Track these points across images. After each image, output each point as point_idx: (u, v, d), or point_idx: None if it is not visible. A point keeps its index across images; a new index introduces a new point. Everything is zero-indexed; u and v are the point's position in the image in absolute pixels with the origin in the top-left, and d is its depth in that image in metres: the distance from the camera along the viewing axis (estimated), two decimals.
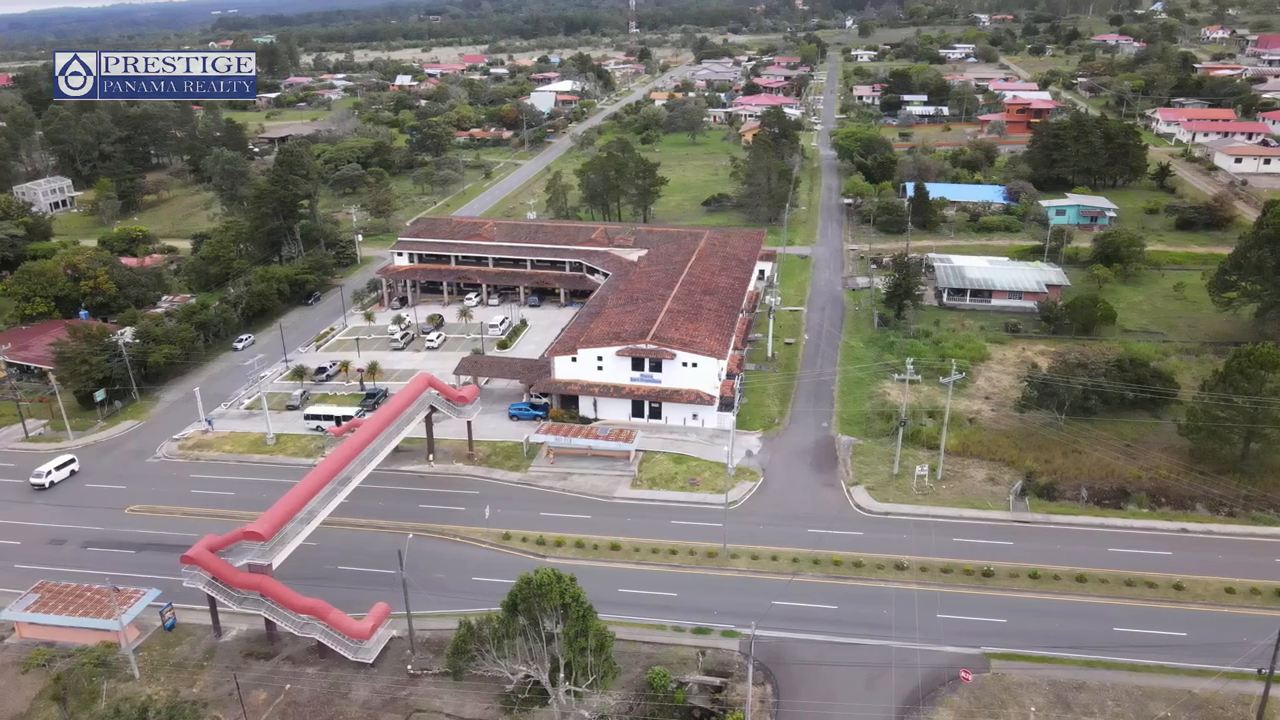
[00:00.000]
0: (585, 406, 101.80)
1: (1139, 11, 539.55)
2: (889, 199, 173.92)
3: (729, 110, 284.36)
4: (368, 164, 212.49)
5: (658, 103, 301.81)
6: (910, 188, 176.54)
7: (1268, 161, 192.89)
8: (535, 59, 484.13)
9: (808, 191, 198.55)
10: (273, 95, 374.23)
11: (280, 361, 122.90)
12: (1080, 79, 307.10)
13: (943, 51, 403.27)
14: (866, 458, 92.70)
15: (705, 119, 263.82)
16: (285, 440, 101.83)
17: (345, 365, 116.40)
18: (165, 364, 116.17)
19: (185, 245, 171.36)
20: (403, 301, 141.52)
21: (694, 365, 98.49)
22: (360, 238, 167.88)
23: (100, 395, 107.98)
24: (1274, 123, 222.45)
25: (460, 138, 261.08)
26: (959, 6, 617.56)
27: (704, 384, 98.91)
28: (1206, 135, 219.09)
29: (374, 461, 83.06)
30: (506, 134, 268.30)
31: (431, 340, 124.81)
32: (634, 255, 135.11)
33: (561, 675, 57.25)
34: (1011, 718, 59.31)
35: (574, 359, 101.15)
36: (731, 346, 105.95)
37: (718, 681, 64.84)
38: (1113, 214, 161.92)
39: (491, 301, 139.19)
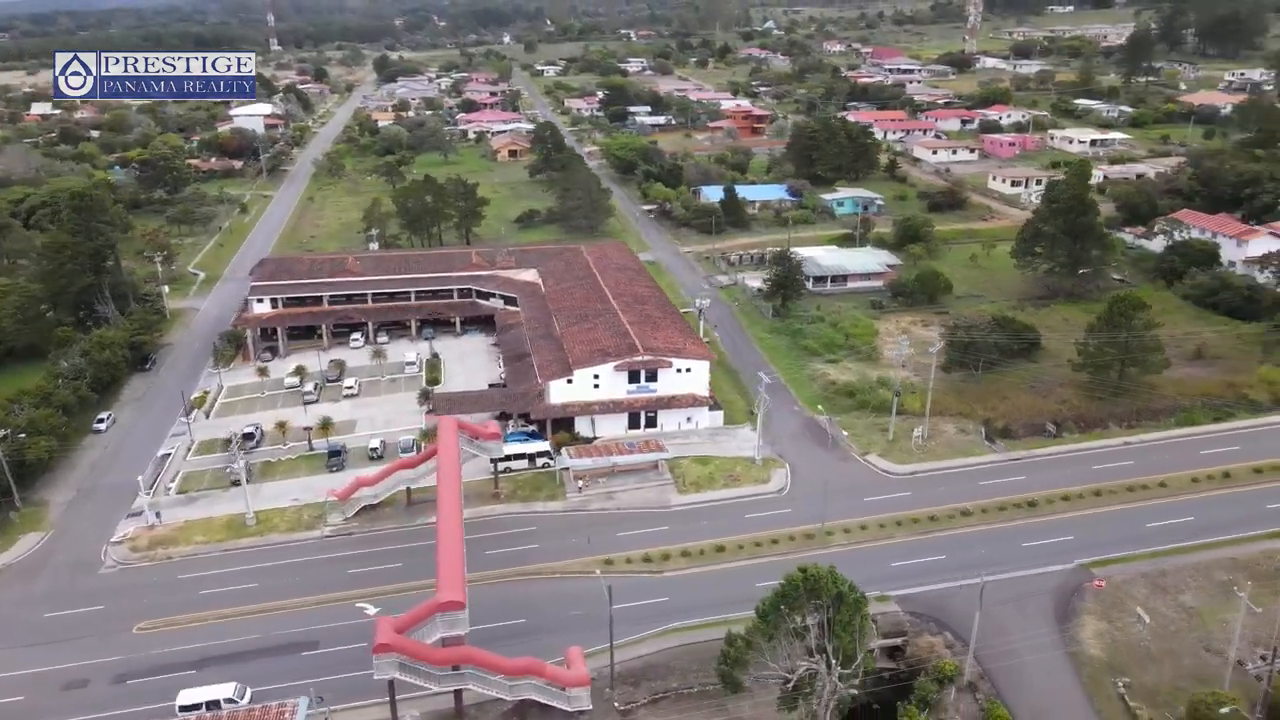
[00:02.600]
0: (583, 426, 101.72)
1: (759, 29, 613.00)
2: (690, 202, 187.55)
3: (468, 127, 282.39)
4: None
5: (382, 124, 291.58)
6: (705, 191, 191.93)
7: (955, 152, 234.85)
8: None
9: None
10: None
11: (172, 437, 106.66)
12: (762, 88, 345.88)
13: (620, 65, 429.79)
14: (852, 430, 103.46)
15: (454, 138, 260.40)
16: (264, 518, 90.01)
17: (282, 425, 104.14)
18: (48, 458, 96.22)
19: None
20: (272, 352, 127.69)
21: (687, 370, 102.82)
22: (166, 289, 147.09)
23: None
24: (938, 120, 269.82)
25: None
26: (605, 24, 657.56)
27: (698, 387, 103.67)
28: (896, 134, 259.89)
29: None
30: (236, 164, 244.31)
31: (350, 387, 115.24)
32: (527, 275, 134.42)
33: (835, 662, 60.73)
34: (1131, 607, 72.97)
35: (569, 380, 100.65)
36: None
37: (898, 641, 71.64)
38: (880, 203, 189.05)
39: (381, 339, 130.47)
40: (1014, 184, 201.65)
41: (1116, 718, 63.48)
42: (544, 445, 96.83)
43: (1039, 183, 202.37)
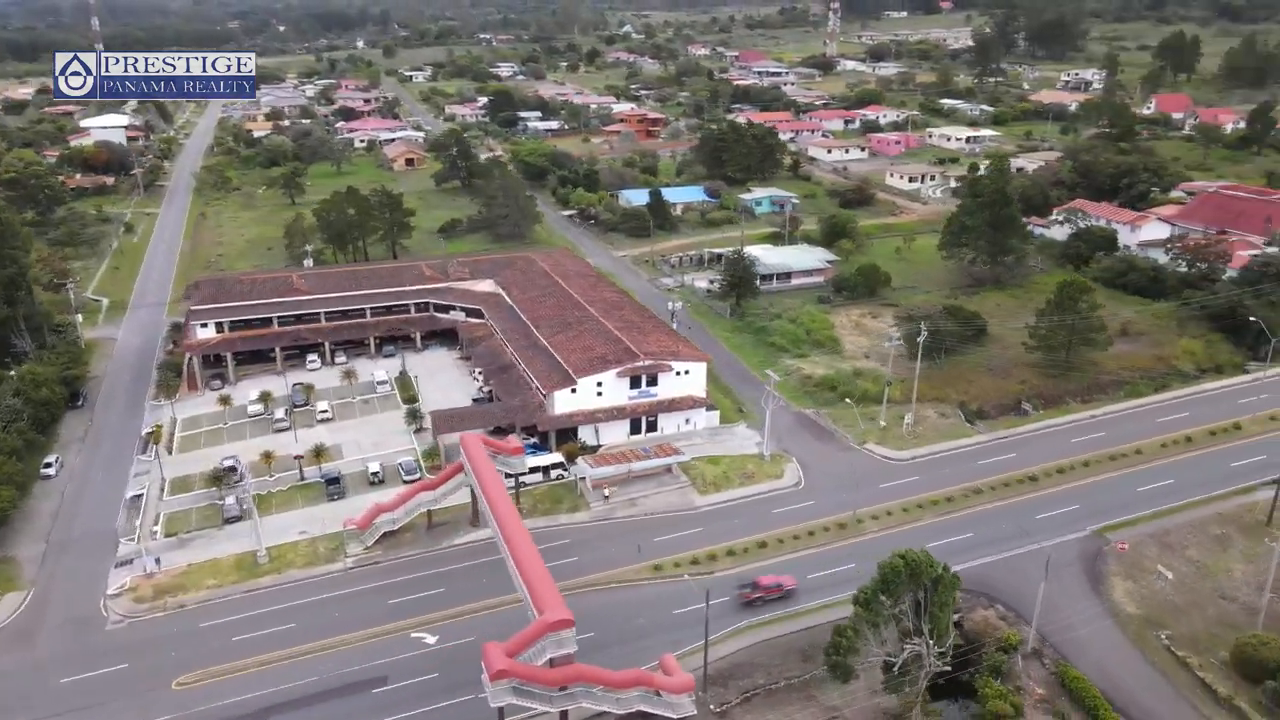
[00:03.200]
0: (586, 435, 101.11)
1: (618, 33, 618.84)
2: (613, 206, 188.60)
3: (354, 136, 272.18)
4: None
5: (257, 133, 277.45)
6: (626, 194, 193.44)
7: (847, 151, 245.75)
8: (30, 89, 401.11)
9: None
10: None
11: (136, 477, 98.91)
12: (644, 92, 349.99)
13: (491, 70, 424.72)
14: (841, 421, 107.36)
15: (346, 148, 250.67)
16: (275, 554, 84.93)
17: (268, 456, 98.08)
18: (9, 509, 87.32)
19: None
20: (221, 379, 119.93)
21: (686, 372, 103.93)
22: (80, 318, 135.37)
23: None
24: (822, 120, 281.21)
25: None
26: (461, 28, 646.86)
27: (696, 389, 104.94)
28: (786, 135, 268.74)
29: None
30: (108, 180, 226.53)
31: (324, 411, 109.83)
32: (485, 286, 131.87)
33: (932, 641, 63.55)
34: (1148, 565, 79.55)
35: (574, 390, 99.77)
36: None
37: (956, 617, 75.31)
38: (796, 201, 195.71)
39: (339, 359, 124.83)
40: (911, 180, 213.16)
41: (1170, 667, 69.22)
42: (557, 457, 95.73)
43: (933, 178, 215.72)
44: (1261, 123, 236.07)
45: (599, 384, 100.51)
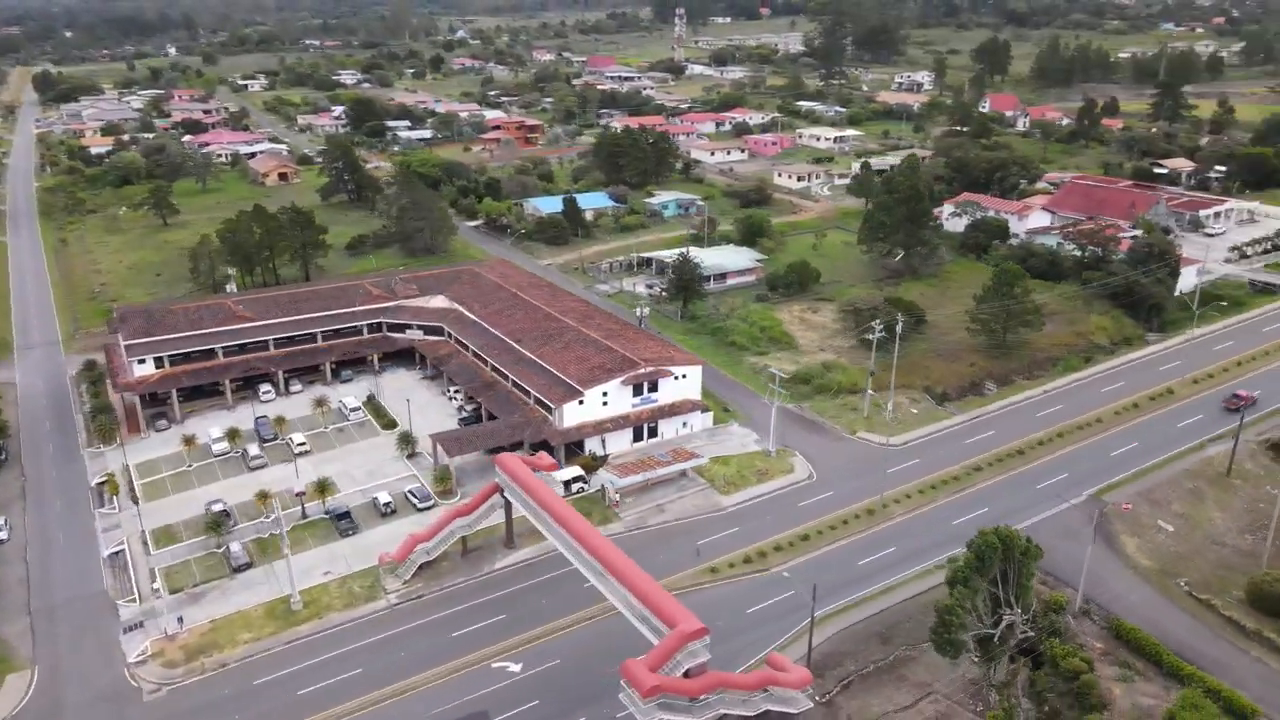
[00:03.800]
0: (592, 445, 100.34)
1: (453, 38, 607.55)
2: (522, 214, 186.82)
3: (211, 150, 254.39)
4: None
5: (95, 149, 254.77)
6: (535, 203, 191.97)
7: (729, 153, 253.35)
8: None
9: None
10: None
11: (105, 532, 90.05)
12: (504, 98, 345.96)
13: (334, 77, 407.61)
14: (826, 413, 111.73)
15: (211, 163, 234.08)
16: (308, 597, 79.68)
17: (263, 497, 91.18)
18: None
19: None
20: (165, 418, 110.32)
21: (683, 377, 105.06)
22: None
23: None
24: (694, 123, 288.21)
25: None
26: (282, 34, 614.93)
27: (692, 392, 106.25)
28: None
29: None
30: None
31: (301, 443, 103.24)
32: (438, 302, 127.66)
33: (1019, 610, 68.06)
34: (1146, 521, 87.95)
35: (581, 402, 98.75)
36: None
37: None
38: (700, 203, 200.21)
39: (294, 388, 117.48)
40: (799, 179, 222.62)
41: (1196, 610, 77.04)
42: (576, 470, 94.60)
43: (818, 177, 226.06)
44: (1089, 119, 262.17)
45: (604, 394, 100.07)
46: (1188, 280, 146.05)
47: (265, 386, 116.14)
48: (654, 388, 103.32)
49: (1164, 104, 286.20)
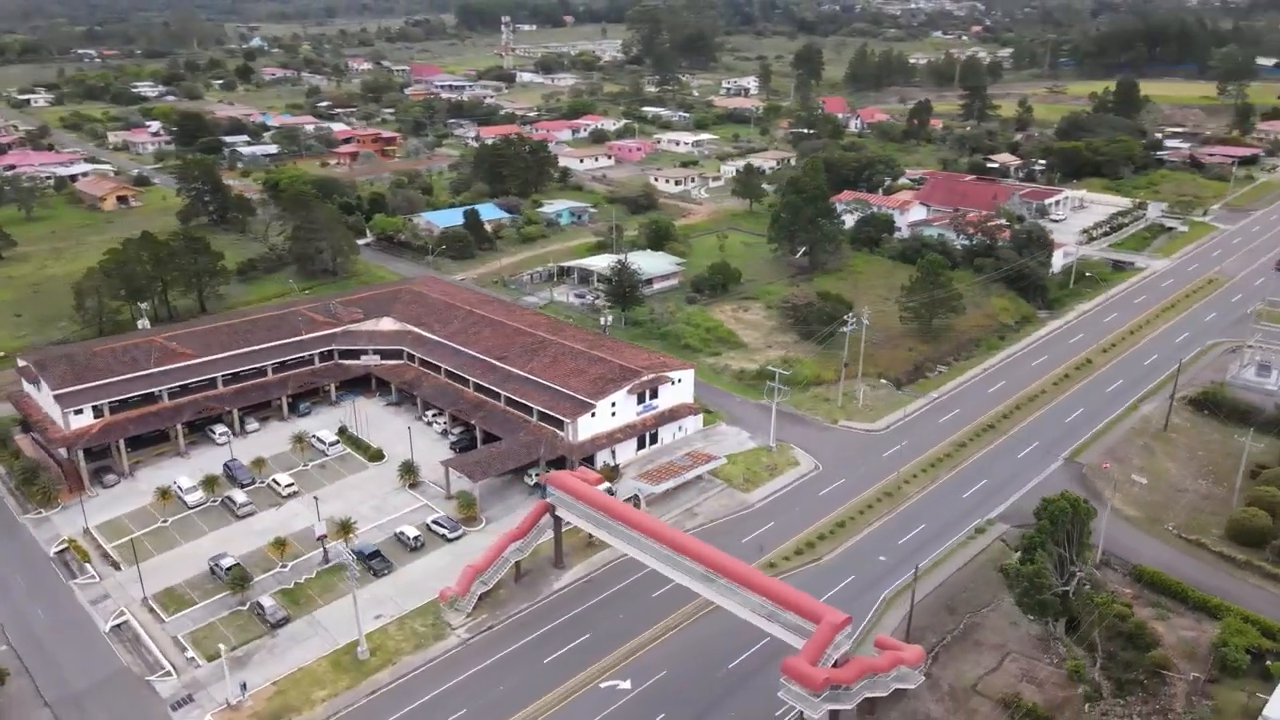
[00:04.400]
0: (603, 457, 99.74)
1: (252, 46, 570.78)
2: (418, 229, 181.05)
3: (20, 173, 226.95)
4: None
5: None
6: (429, 217, 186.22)
7: (597, 159, 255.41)
8: None
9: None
10: None
11: (95, 604, 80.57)
12: (337, 110, 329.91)
13: (133, 90, 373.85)
14: (801, 405, 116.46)
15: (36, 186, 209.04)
16: (371, 642, 74.85)
17: (280, 545, 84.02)
18: None
19: None
20: (112, 473, 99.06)
21: (679, 381, 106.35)
22: None
23: None
24: (551, 131, 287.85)
25: None
26: (50, 43, 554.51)
27: (687, 396, 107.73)
28: None
29: None
30: None
31: (290, 484, 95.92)
32: (388, 325, 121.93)
33: (1083, 565, 74.98)
34: (1119, 476, 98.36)
35: (593, 414, 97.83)
36: None
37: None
38: (593, 210, 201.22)
39: (250, 427, 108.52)
40: (676, 183, 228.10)
41: (1189, 549, 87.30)
42: (604, 484, 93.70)
43: (693, 180, 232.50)
44: (919, 119, 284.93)
45: (613, 404, 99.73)
46: (1057, 262, 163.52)
47: (220, 428, 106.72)
48: (654, 394, 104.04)
49: (973, 105, 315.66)
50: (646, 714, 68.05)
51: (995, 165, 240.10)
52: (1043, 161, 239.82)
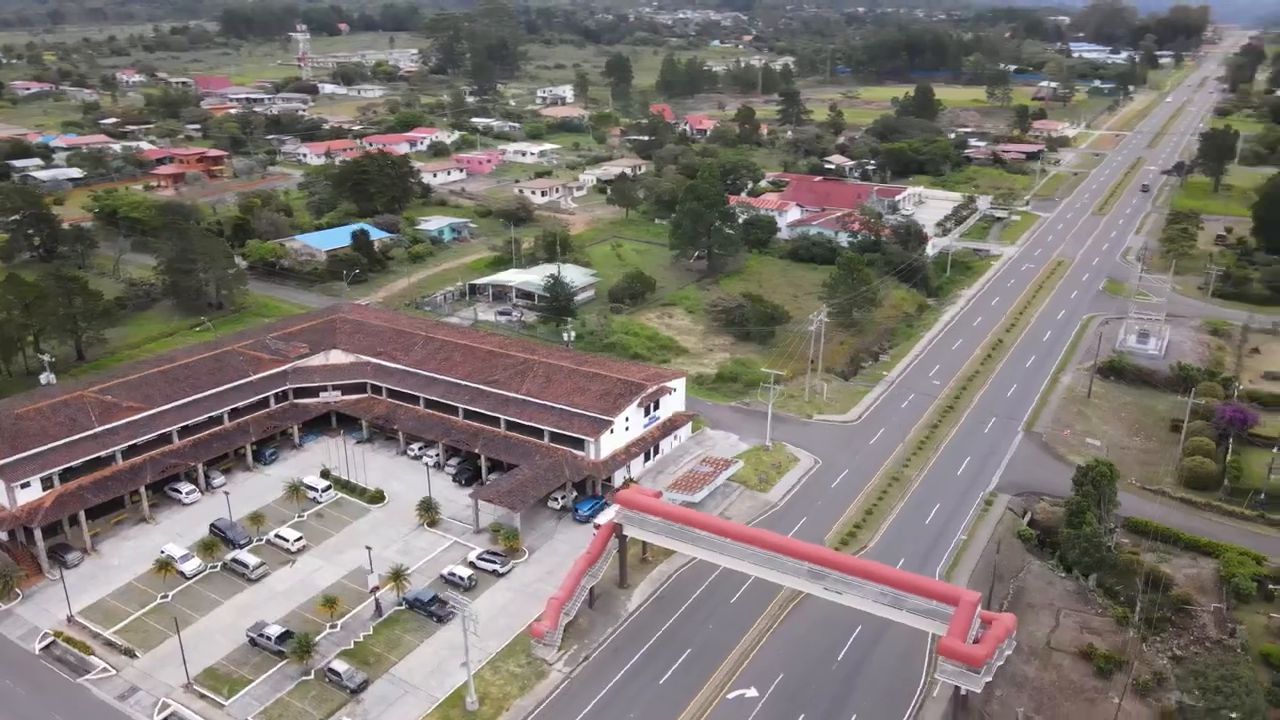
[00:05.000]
0: (619, 472, 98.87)
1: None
2: (298, 255, 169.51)
3: None
4: None
5: None
6: (306, 240, 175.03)
7: (449, 173, 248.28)
8: None
9: None
10: None
11: (122, 699, 70.87)
12: (131, 127, 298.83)
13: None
14: (774, 404, 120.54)
15: None
16: (480, 687, 70.77)
17: (330, 604, 76.69)
18: None
19: None
20: (72, 551, 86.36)
21: (674, 390, 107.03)
22: None
23: None
24: (391, 145, 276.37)
25: None
26: None
27: (680, 404, 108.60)
28: None
29: None
30: None
31: (299, 538, 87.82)
32: (339, 357, 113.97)
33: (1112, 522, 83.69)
34: (1074, 441, 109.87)
35: (611, 431, 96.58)
36: None
37: (1027, 518, 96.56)
38: (473, 226, 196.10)
39: (217, 482, 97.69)
40: (543, 194, 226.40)
41: (1154, 498, 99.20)
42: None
43: (557, 191, 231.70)
44: (749, 124, 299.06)
45: (626, 419, 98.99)
46: (928, 253, 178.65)
47: (186, 485, 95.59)
48: (656, 405, 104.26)
49: (790, 110, 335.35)
50: (786, 716, 68.98)
51: (832, 166, 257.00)
52: (873, 162, 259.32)
